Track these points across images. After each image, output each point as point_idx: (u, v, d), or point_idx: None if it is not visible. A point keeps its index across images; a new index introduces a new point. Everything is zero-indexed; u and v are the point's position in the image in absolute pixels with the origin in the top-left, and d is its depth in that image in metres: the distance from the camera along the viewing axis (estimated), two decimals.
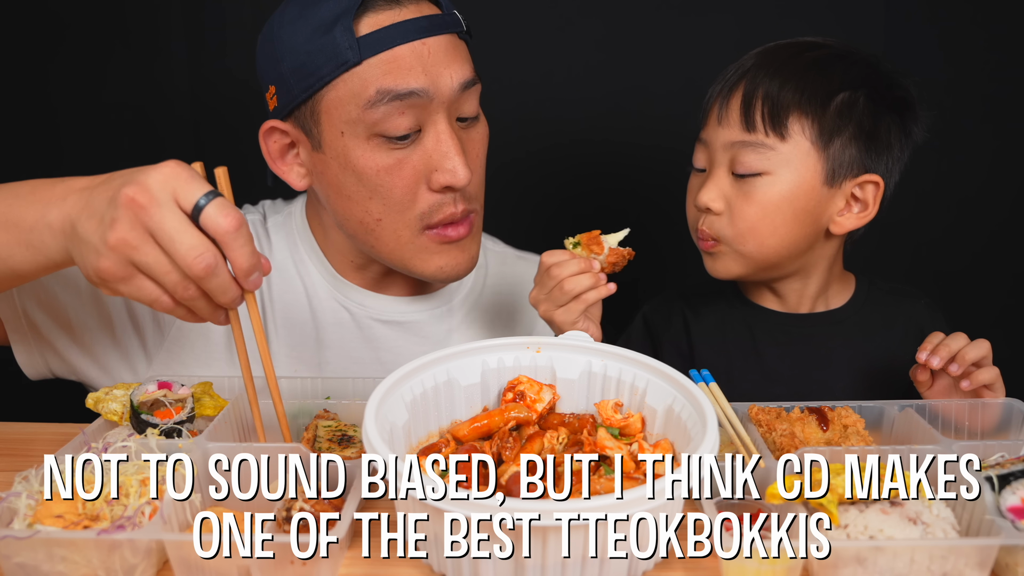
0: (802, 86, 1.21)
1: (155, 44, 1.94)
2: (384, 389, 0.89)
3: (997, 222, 1.99)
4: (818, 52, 1.26)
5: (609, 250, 1.17)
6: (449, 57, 1.16)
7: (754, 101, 1.22)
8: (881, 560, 0.78)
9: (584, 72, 1.96)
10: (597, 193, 2.03)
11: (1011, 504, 0.84)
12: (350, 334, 1.33)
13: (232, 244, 0.84)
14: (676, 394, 0.93)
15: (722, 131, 1.24)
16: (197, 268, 0.82)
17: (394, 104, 1.12)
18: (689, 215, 1.33)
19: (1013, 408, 1.11)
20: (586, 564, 0.76)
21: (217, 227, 0.82)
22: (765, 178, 1.22)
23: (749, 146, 1.22)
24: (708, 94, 1.30)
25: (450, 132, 1.16)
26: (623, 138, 2.00)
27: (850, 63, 1.26)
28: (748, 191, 1.23)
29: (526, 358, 1.01)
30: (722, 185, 1.25)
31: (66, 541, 0.77)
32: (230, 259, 0.85)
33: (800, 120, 1.21)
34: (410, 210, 1.19)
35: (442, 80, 1.14)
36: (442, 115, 1.16)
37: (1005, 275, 2.01)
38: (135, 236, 0.82)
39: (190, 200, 0.82)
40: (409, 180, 1.17)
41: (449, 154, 1.15)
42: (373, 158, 1.15)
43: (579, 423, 0.97)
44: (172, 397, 1.05)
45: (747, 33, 1.91)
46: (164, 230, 0.82)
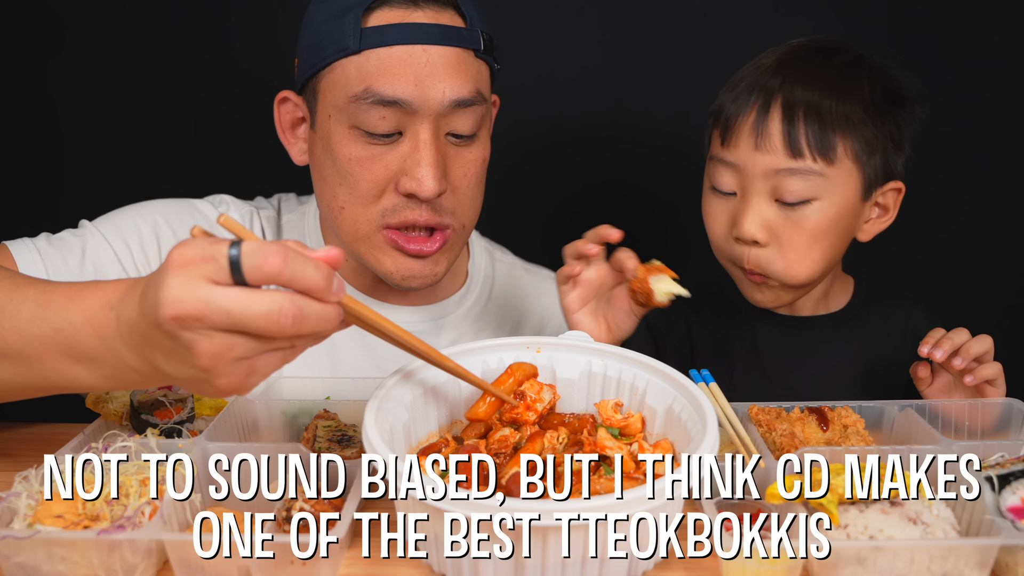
0: (841, 104, 1.17)
1: (155, 44, 1.94)
2: (384, 389, 0.89)
3: (999, 223, 1.99)
4: (840, 59, 1.22)
5: (641, 269, 1.11)
6: (449, 71, 1.14)
7: (797, 125, 1.16)
8: (881, 560, 0.78)
9: (583, 72, 1.96)
10: (597, 193, 2.03)
11: (1011, 504, 0.84)
12: (352, 341, 1.31)
13: (293, 276, 0.71)
14: (676, 394, 0.93)
15: (761, 157, 1.17)
16: (287, 327, 0.71)
17: (377, 107, 1.13)
18: (719, 240, 1.26)
19: (1013, 408, 1.10)
20: (586, 564, 0.76)
21: (267, 271, 0.71)
22: (814, 204, 1.18)
23: (797, 173, 1.16)
24: (722, 107, 1.23)
25: (430, 143, 1.14)
26: (623, 138, 1.99)
27: (868, 68, 1.23)
28: (797, 220, 1.18)
29: (526, 358, 1.01)
30: (764, 214, 1.19)
31: (66, 541, 0.77)
32: (300, 289, 0.73)
33: (844, 140, 1.17)
34: (373, 206, 1.18)
35: (432, 92, 1.13)
36: (427, 125, 1.14)
37: (1006, 276, 2.01)
38: (219, 341, 0.71)
39: (223, 270, 0.70)
40: (379, 177, 1.17)
41: (421, 164, 1.14)
42: (349, 147, 1.16)
43: (579, 423, 0.97)
44: (172, 397, 1.05)
45: (747, 33, 1.91)
46: (231, 318, 0.70)
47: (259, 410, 1.07)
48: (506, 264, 1.48)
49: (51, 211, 1.51)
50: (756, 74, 1.22)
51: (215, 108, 1.96)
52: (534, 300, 1.45)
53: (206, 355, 0.71)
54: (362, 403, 0.88)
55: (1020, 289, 2.01)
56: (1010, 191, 1.97)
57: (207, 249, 0.70)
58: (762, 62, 1.24)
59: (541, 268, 1.50)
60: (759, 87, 1.20)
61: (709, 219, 1.27)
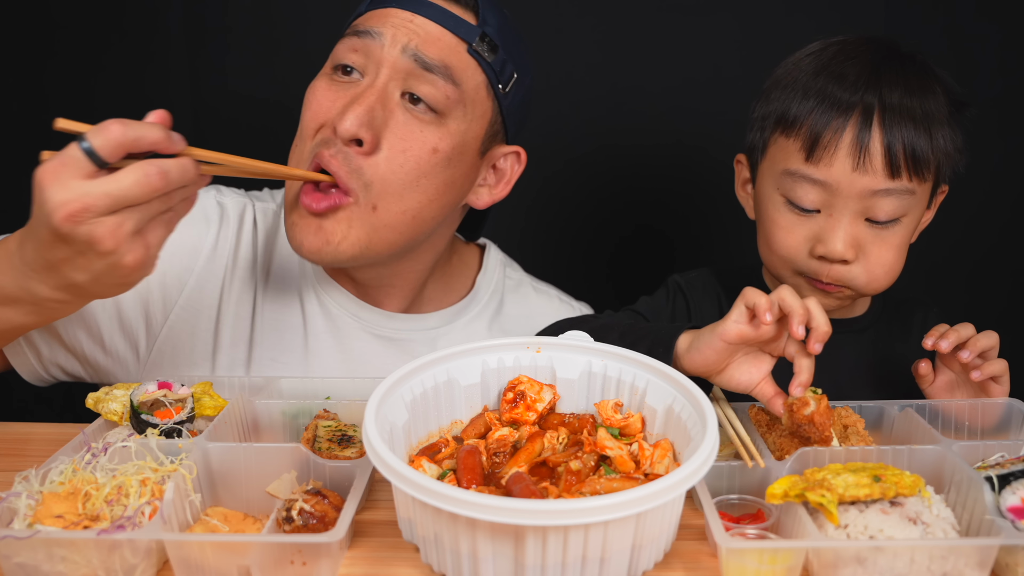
0: (931, 123, 1.15)
1: (153, 46, 1.94)
2: (384, 389, 0.89)
3: (1000, 223, 1.99)
4: (915, 65, 1.19)
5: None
6: (426, 37, 1.13)
7: (896, 148, 1.13)
8: (881, 560, 0.78)
9: (584, 72, 1.96)
10: (597, 193, 2.03)
11: (1011, 504, 0.84)
12: (338, 344, 1.30)
13: (137, 136, 0.84)
14: (676, 394, 0.93)
15: (860, 178, 1.13)
16: (157, 183, 0.84)
17: (351, 39, 1.15)
18: (792, 255, 1.21)
19: (1013, 408, 1.10)
20: (586, 564, 0.76)
21: (114, 139, 0.82)
22: (903, 220, 1.17)
23: (893, 193, 1.14)
24: (797, 118, 1.17)
25: (377, 90, 1.11)
26: (623, 136, 1.99)
27: (935, 76, 1.21)
28: (885, 236, 1.17)
29: (526, 358, 1.01)
30: (855, 232, 1.16)
31: (66, 541, 0.77)
32: (147, 146, 0.85)
33: (935, 159, 1.16)
34: (306, 142, 1.16)
35: (399, 38, 1.13)
36: (384, 71, 1.12)
37: (1005, 276, 2.01)
38: (109, 225, 0.83)
39: (83, 162, 0.82)
40: (322, 109, 1.15)
41: (352, 104, 1.10)
42: (318, 82, 1.18)
43: (579, 423, 0.98)
44: (172, 397, 1.05)
45: (747, 32, 1.91)
46: (111, 198, 0.82)
47: (259, 410, 1.07)
48: (514, 281, 1.45)
49: None
50: (835, 85, 1.16)
51: (215, 108, 1.96)
52: (539, 319, 1.41)
53: (106, 238, 0.83)
54: (362, 403, 0.88)
55: (1017, 290, 2.01)
56: (1009, 191, 1.96)
57: (63, 155, 0.82)
58: (844, 72, 1.17)
59: (550, 287, 1.49)
60: (852, 104, 1.14)
61: (781, 234, 1.21)
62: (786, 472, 0.90)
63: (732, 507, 0.90)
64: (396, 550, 0.85)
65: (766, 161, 1.24)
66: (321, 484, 0.88)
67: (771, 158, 1.22)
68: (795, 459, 0.92)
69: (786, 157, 1.19)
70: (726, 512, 0.89)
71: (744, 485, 0.93)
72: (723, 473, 0.93)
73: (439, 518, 0.76)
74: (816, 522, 0.82)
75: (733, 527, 0.85)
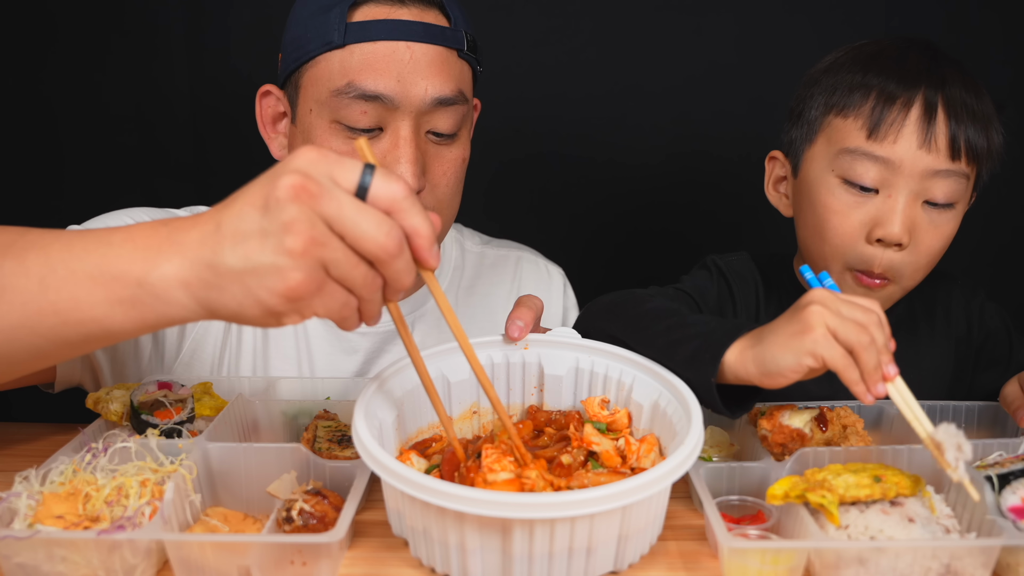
0: (987, 118, 1.15)
1: (153, 44, 1.94)
2: (373, 387, 0.90)
3: (1011, 227, 1.98)
4: (963, 67, 1.19)
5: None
6: (432, 69, 1.14)
7: (960, 127, 1.12)
8: (882, 560, 0.78)
9: (583, 72, 1.96)
10: (597, 193, 2.03)
11: (1011, 504, 0.84)
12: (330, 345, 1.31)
13: (410, 210, 0.72)
14: (662, 389, 0.94)
15: (924, 156, 1.11)
16: (392, 245, 0.70)
17: (359, 101, 1.12)
18: (845, 239, 1.17)
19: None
20: (573, 555, 0.76)
21: (390, 197, 0.71)
22: (956, 207, 1.16)
23: (952, 176, 1.13)
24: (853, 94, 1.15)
25: (411, 139, 1.14)
26: (623, 137, 1.99)
27: (959, 64, 1.20)
28: (938, 222, 1.15)
29: (515, 355, 1.01)
30: (912, 215, 1.14)
31: (66, 541, 0.77)
32: (410, 227, 0.72)
33: (990, 143, 1.16)
34: None
35: (415, 89, 1.13)
36: (407, 122, 1.14)
37: (1015, 279, 2.01)
38: (320, 231, 0.68)
39: (353, 178, 0.71)
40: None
41: (401, 160, 1.13)
42: (329, 142, 1.15)
43: (566, 419, 0.99)
44: (172, 397, 1.05)
45: (747, 31, 1.91)
46: (344, 215, 0.69)
47: (259, 410, 1.07)
48: (475, 254, 1.47)
49: (52, 213, 1.51)
50: (896, 69, 1.15)
51: (215, 108, 1.96)
52: (503, 281, 1.43)
53: (303, 236, 0.68)
54: None
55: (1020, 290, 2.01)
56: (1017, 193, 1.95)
57: (343, 159, 0.71)
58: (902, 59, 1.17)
59: (509, 244, 1.50)
60: (916, 86, 1.13)
61: (836, 219, 1.17)
62: (786, 473, 0.90)
63: (732, 508, 0.90)
64: (396, 550, 0.85)
65: (816, 146, 1.20)
66: (321, 484, 0.89)
67: (824, 141, 1.19)
68: (795, 460, 0.92)
69: (844, 137, 1.16)
70: (726, 513, 0.89)
71: (744, 486, 0.93)
72: (723, 474, 0.93)
73: (427, 511, 0.76)
74: (817, 523, 0.82)
75: (734, 527, 0.85)
